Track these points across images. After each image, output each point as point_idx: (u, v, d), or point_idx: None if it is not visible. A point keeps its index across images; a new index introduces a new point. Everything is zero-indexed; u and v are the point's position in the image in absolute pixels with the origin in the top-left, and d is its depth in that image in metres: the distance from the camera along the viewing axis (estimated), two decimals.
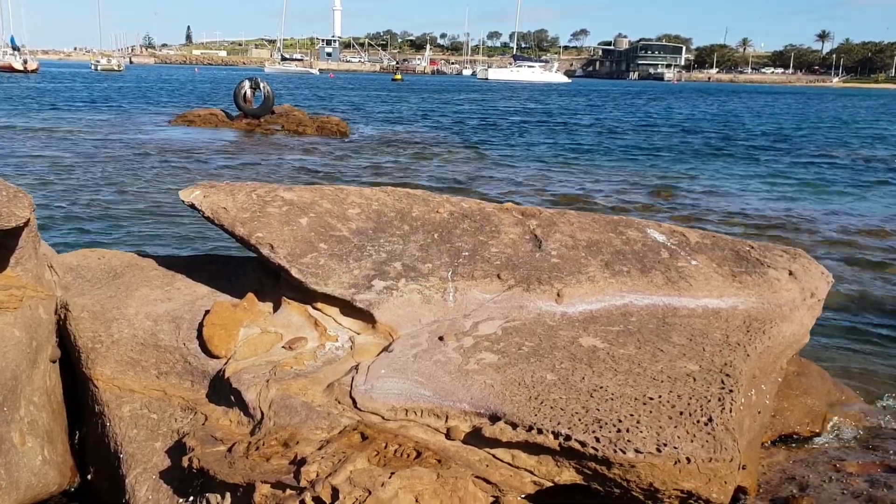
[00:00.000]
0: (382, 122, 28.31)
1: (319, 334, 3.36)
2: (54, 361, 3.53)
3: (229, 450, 2.72)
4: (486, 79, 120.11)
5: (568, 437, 2.54)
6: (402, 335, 3.27)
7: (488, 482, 2.62)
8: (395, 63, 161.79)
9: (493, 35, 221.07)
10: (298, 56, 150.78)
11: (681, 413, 2.65)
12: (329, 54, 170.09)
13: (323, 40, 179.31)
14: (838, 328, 6.30)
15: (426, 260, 3.68)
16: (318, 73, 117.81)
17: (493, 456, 2.66)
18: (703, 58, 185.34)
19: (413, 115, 33.77)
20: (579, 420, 2.61)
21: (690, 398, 2.73)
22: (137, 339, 3.43)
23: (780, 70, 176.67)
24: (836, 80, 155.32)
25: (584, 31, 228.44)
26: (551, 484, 2.64)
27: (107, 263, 4.13)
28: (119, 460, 3.08)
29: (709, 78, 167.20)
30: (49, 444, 3.28)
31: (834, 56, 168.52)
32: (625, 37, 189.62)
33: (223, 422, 2.99)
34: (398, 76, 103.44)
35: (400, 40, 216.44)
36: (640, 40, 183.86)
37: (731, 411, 2.67)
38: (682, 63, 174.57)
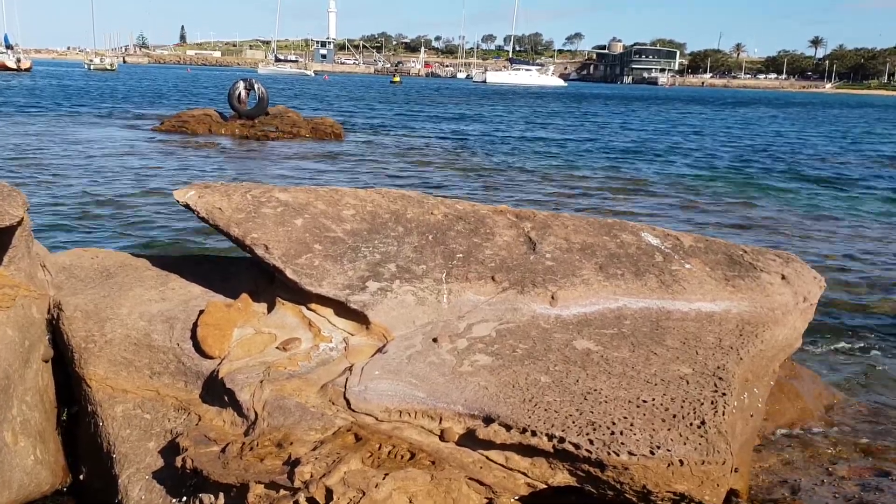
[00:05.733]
0: (378, 125, 28.17)
1: (314, 335, 3.36)
2: (47, 361, 3.51)
3: (223, 450, 2.72)
4: (485, 81, 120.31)
5: (562, 440, 2.55)
6: (396, 336, 3.27)
7: (482, 484, 2.62)
8: (389, 65, 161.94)
9: (488, 38, 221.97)
10: (293, 57, 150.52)
11: (674, 416, 2.66)
12: (323, 56, 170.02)
13: (317, 42, 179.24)
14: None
15: (420, 261, 3.69)
16: (312, 74, 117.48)
17: (487, 458, 2.67)
18: (696, 63, 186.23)
19: (410, 118, 33.47)
20: (573, 422, 2.62)
21: (683, 401, 2.75)
22: (131, 339, 3.42)
23: (773, 76, 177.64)
24: (828, 86, 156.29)
25: (578, 35, 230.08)
26: (545, 486, 2.64)
27: (100, 263, 4.12)
28: (112, 460, 3.07)
29: (703, 83, 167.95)
30: (41, 444, 3.27)
31: (827, 62, 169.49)
32: (619, 41, 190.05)
33: (217, 422, 2.98)
34: (397, 78, 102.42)
35: (394, 42, 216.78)
36: (635, 44, 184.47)
37: (723, 414, 2.68)
38: (676, 68, 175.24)
